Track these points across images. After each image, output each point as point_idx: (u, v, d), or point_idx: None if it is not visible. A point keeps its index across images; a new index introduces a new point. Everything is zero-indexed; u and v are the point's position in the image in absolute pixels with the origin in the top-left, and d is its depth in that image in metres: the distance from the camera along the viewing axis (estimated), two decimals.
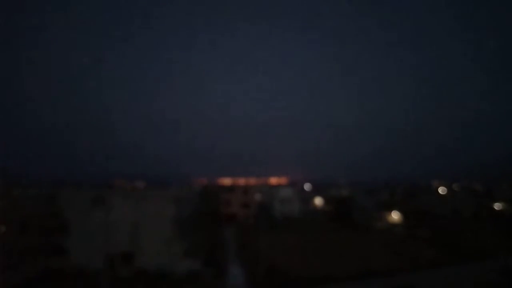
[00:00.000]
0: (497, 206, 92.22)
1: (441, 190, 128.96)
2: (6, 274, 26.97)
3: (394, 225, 65.53)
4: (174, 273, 31.96)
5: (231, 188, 78.46)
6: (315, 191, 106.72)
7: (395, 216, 67.89)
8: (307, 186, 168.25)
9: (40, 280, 29.25)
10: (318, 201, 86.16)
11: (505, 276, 29.11)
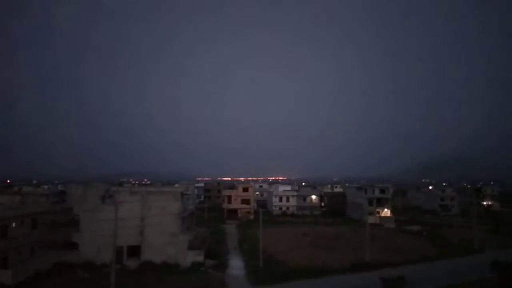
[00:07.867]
0: (485, 203, 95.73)
1: (431, 188, 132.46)
2: (18, 267, 27.78)
3: (385, 220, 68.21)
4: (178, 265, 33.85)
5: (232, 186, 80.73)
6: (311, 188, 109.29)
7: (386, 211, 70.73)
8: (303, 184, 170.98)
9: (51, 272, 30.14)
10: (313, 197, 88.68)
11: (494, 270, 29.10)
